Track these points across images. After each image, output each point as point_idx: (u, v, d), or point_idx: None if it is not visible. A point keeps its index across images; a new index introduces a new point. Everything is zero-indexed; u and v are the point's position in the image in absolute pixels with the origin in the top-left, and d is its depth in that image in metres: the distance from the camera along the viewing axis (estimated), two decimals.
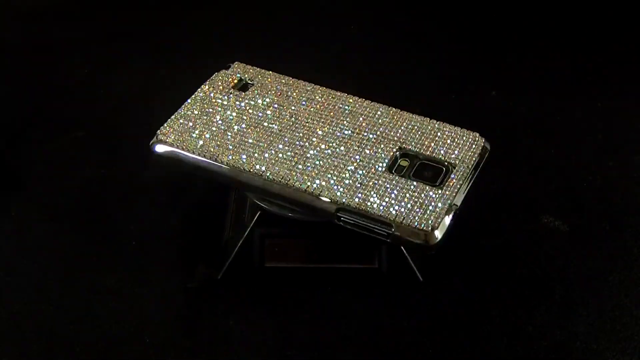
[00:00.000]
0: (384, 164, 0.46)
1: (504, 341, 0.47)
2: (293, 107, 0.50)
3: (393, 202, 0.44)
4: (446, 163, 0.46)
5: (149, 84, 0.67)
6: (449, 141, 0.47)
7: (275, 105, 0.50)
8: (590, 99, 0.64)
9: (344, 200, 0.44)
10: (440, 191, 0.44)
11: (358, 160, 0.46)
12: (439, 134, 0.48)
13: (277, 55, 0.70)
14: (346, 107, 0.50)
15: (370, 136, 0.48)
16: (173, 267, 0.51)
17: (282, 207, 0.47)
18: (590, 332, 0.47)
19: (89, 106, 0.64)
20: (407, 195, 0.44)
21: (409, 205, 0.44)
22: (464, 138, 0.48)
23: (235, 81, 0.52)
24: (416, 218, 0.43)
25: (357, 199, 0.44)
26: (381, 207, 0.44)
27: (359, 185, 0.45)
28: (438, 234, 0.43)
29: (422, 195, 0.44)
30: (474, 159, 0.47)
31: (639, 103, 0.64)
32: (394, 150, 0.47)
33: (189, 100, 0.50)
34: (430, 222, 0.43)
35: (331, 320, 0.48)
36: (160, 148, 0.48)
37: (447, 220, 0.43)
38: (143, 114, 0.63)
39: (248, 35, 0.72)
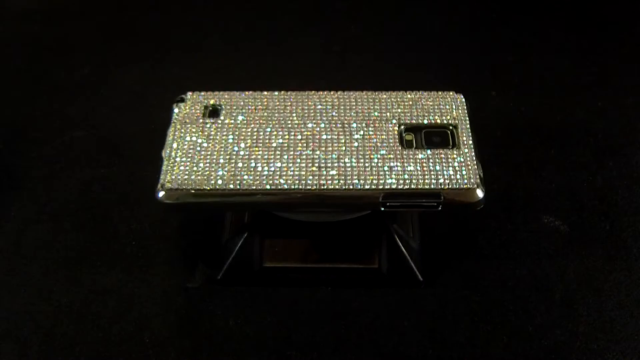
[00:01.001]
0: (397, 143, 0.47)
1: (504, 341, 0.47)
2: (277, 117, 0.49)
3: (431, 173, 0.45)
4: (450, 126, 0.48)
5: (149, 84, 0.67)
6: (435, 105, 0.49)
7: (259, 120, 0.49)
8: (590, 99, 0.64)
9: (386, 186, 0.45)
10: (460, 151, 0.47)
11: (372, 147, 0.47)
12: (422, 101, 0.50)
13: (277, 55, 0.70)
14: (328, 103, 0.50)
15: (367, 122, 0.48)
16: (173, 267, 0.51)
17: (319, 213, 0.47)
18: (590, 332, 0.47)
19: (89, 106, 0.64)
20: (438, 163, 0.46)
21: (445, 172, 0.45)
22: (445, 99, 0.50)
23: (202, 110, 0.50)
24: (459, 181, 0.45)
25: (398, 182, 0.45)
26: (424, 182, 0.45)
27: (390, 168, 0.46)
28: (482, 189, 0.45)
29: (449, 159, 0.46)
30: (465, 114, 0.49)
31: (639, 103, 0.64)
32: (396, 127, 0.48)
33: (169, 145, 0.48)
34: (471, 180, 0.45)
35: (331, 320, 0.48)
36: (172, 198, 0.45)
37: (481, 174, 0.46)
38: (143, 114, 0.63)
39: (247, 34, 0.72)
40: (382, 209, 0.45)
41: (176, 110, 0.50)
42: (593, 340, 0.47)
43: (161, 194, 0.45)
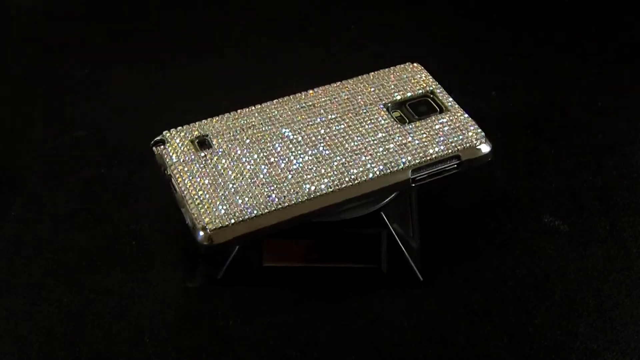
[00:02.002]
0: (392, 121, 0.49)
1: (504, 341, 0.47)
2: (268, 130, 0.49)
3: (441, 139, 0.47)
4: (429, 93, 0.51)
5: (149, 84, 0.67)
6: (402, 79, 0.52)
7: (253, 138, 0.48)
8: (590, 99, 0.64)
9: (410, 162, 0.46)
10: (450, 113, 0.49)
11: (375, 131, 0.48)
12: (391, 78, 0.52)
13: (277, 55, 0.70)
14: (308, 103, 0.50)
15: (353, 110, 0.50)
16: (173, 267, 0.51)
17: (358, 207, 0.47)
18: (590, 332, 0.47)
19: (89, 106, 0.64)
20: (440, 128, 0.48)
21: (453, 134, 0.48)
22: (407, 71, 0.52)
23: (190, 145, 0.48)
24: (467, 139, 0.47)
25: (419, 155, 0.47)
26: (440, 149, 0.47)
27: (404, 145, 0.47)
28: (488, 143, 0.48)
29: (447, 122, 0.48)
30: (434, 80, 0.52)
31: (639, 103, 0.64)
32: (381, 108, 0.49)
33: (183, 189, 0.45)
34: (476, 134, 0.48)
35: (331, 320, 0.48)
36: (220, 237, 0.43)
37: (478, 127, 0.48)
38: (143, 114, 0.63)
39: (247, 34, 0.72)
40: (413, 185, 0.46)
41: (165, 155, 0.48)
42: (593, 340, 0.47)
43: (202, 235, 0.43)
